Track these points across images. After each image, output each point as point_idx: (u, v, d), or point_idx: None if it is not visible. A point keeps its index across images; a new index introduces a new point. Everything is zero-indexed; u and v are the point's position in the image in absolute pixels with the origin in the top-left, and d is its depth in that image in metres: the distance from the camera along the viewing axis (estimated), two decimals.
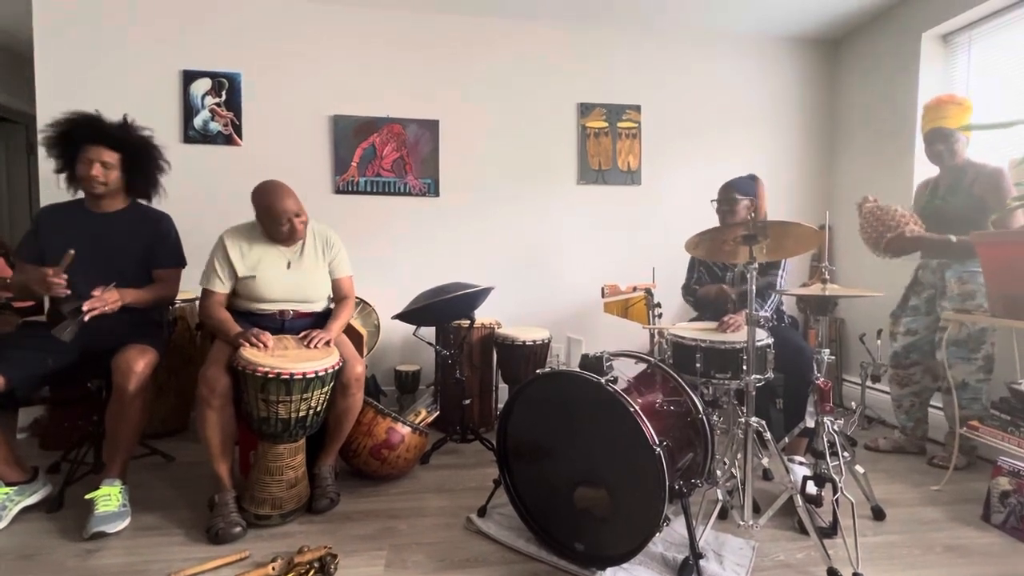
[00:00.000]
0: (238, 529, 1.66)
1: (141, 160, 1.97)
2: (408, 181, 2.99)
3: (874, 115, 3.09)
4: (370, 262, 2.91)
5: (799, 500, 1.55)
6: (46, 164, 2.68)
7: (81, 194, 1.98)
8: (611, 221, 3.19)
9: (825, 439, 1.64)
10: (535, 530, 1.66)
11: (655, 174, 3.22)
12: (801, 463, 1.92)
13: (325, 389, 1.77)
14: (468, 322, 2.43)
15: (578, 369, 1.58)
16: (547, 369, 1.64)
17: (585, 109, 3.12)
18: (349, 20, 2.93)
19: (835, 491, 1.60)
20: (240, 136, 2.88)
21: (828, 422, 1.67)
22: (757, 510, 1.73)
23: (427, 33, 3.00)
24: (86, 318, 1.72)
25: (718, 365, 1.78)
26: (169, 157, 2.10)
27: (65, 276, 1.72)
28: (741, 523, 1.57)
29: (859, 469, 1.80)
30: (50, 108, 2.68)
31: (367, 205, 2.97)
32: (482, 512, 1.80)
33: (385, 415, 2.04)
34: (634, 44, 3.17)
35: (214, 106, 2.84)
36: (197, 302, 2.63)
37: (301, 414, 1.72)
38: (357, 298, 2.50)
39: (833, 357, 1.80)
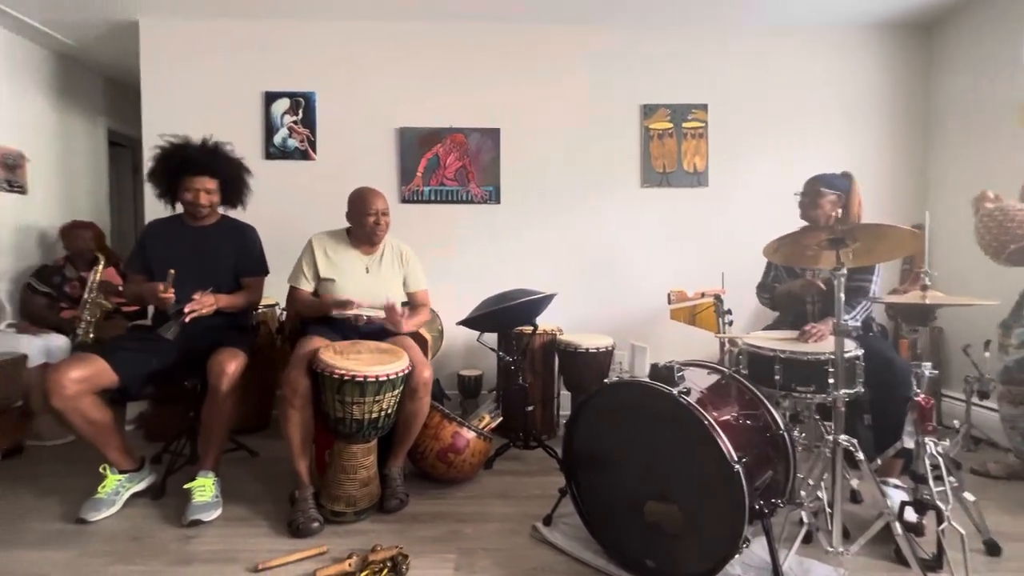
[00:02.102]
0: (316, 524, 1.74)
1: (235, 182, 2.18)
2: (470, 189, 3.05)
3: (976, 105, 2.79)
4: (434, 269, 2.95)
5: (898, 527, 1.41)
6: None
7: (180, 208, 2.17)
8: (676, 225, 3.09)
9: (927, 461, 1.49)
10: (603, 543, 1.62)
11: (723, 175, 3.09)
12: (897, 487, 1.76)
13: (396, 392, 1.83)
14: (531, 328, 2.43)
15: (648, 379, 1.53)
16: (615, 379, 1.60)
17: (648, 110, 3.04)
18: (411, 35, 3.04)
19: (940, 520, 1.45)
20: (315, 151, 3.05)
21: (931, 443, 1.52)
22: (847, 535, 1.60)
23: (486, 42, 3.05)
24: (187, 319, 1.91)
25: (800, 377, 1.67)
26: (252, 172, 2.29)
27: (172, 291, 1.91)
28: (829, 549, 1.46)
29: (968, 497, 1.62)
30: (154, 132, 2.97)
31: (431, 213, 3.06)
32: (547, 521, 1.79)
33: (451, 419, 2.08)
34: (698, 42, 3.06)
35: (292, 124, 3.04)
36: (278, 307, 2.84)
37: (373, 416, 1.79)
38: None
39: (936, 371, 1.63)
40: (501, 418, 2.32)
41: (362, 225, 2.07)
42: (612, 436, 1.60)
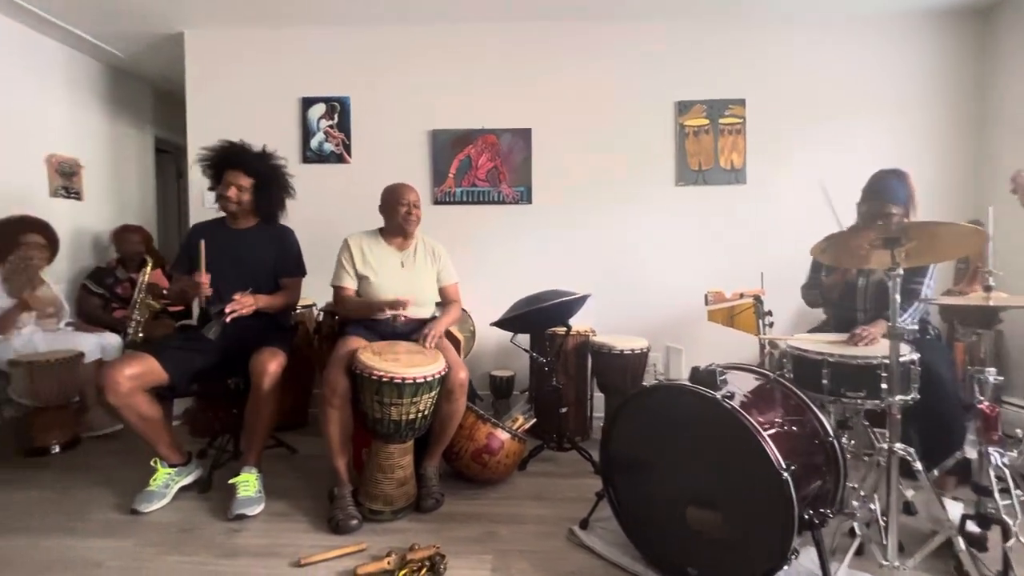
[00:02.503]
0: (355, 522, 1.77)
1: (270, 185, 2.22)
2: (502, 190, 3.05)
3: None
4: (466, 269, 2.95)
5: (960, 542, 1.33)
6: (194, 189, 3.12)
7: (224, 212, 2.25)
8: (713, 223, 3.01)
9: (992, 473, 1.40)
10: (642, 548, 1.59)
11: (762, 172, 2.99)
12: (955, 499, 1.66)
13: (432, 394, 1.85)
14: (564, 329, 2.41)
15: (689, 383, 1.50)
16: (653, 381, 1.57)
17: (683, 107, 2.98)
18: (443, 38, 3.06)
19: (1006, 536, 1.36)
20: (349, 154, 3.11)
21: (995, 453, 1.43)
22: (901, 549, 1.52)
23: (517, 42, 3.04)
24: (228, 319, 1.98)
25: (850, 382, 1.60)
26: (294, 189, 2.35)
27: (208, 275, 1.98)
28: (884, 563, 1.39)
29: None
30: (198, 138, 3.09)
31: (463, 214, 3.07)
32: (584, 524, 1.77)
33: (485, 420, 2.08)
34: (736, 35, 2.97)
35: (327, 128, 3.11)
36: (315, 308, 2.90)
37: (411, 416, 1.81)
38: None
39: (1001, 378, 1.54)
40: (534, 419, 2.31)
41: (394, 216, 2.12)
42: (651, 440, 1.57)
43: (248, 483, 1.93)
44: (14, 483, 2.14)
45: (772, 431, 1.40)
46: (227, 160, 2.14)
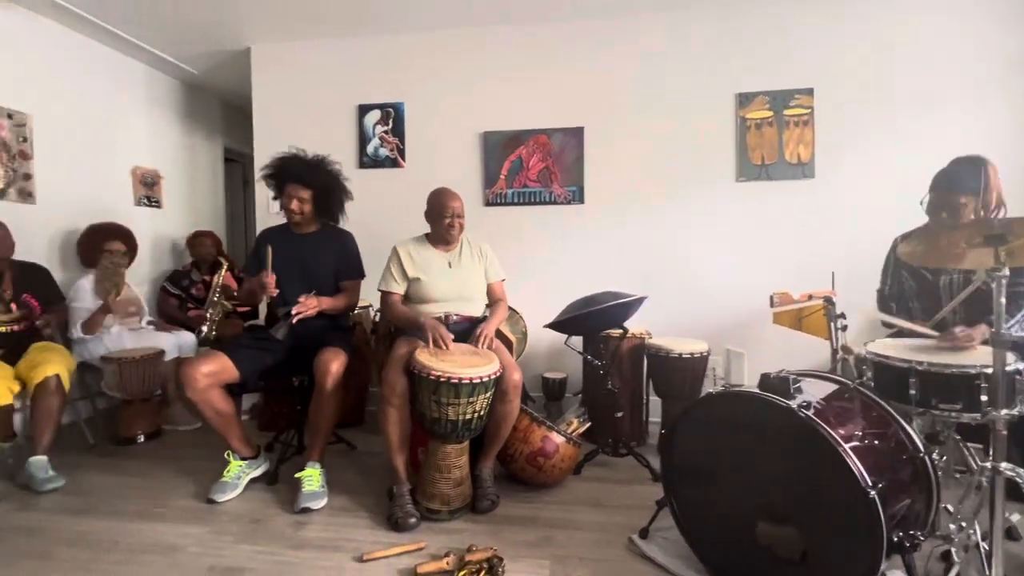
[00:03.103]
0: (413, 520, 1.80)
1: (329, 194, 2.30)
2: (553, 190, 3.02)
3: None
4: (517, 271, 2.96)
5: None
6: (259, 195, 3.29)
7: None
8: (777, 220, 2.85)
9: None
10: (707, 562, 1.53)
11: (832, 165, 2.80)
12: None
13: (487, 394, 1.85)
14: (619, 332, 2.36)
15: (759, 391, 1.42)
16: (719, 388, 1.50)
17: (744, 99, 2.84)
18: (493, 40, 3.06)
19: None
20: (403, 158, 3.18)
21: None
22: None
23: (568, 40, 3.00)
24: (294, 319, 2.06)
25: (943, 393, 1.46)
26: (351, 192, 2.42)
27: (273, 275, 2.08)
28: None
29: None
30: (263, 146, 3.26)
31: (514, 216, 3.07)
32: (644, 534, 1.72)
33: (540, 423, 2.06)
34: (802, 21, 2.80)
35: (382, 133, 3.19)
36: (371, 309, 2.99)
37: (467, 417, 1.82)
38: None
39: None
40: (589, 423, 2.27)
41: (438, 226, 2.17)
42: (717, 449, 1.50)
43: (312, 478, 2.00)
44: (107, 469, 2.33)
45: (854, 444, 1.30)
46: (287, 174, 2.23)
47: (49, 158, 2.88)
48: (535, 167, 3.03)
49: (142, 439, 2.67)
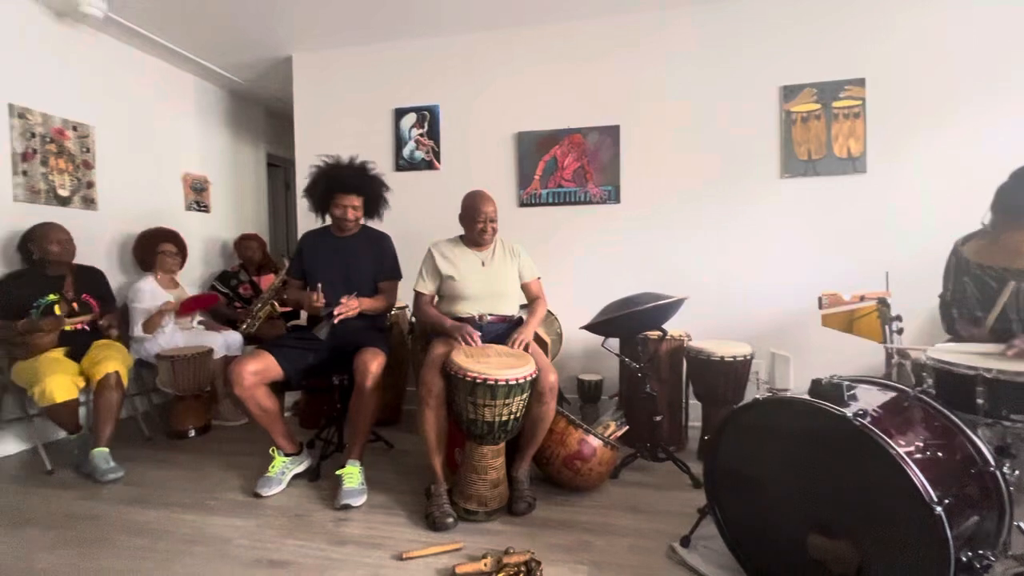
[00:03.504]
0: (450, 520, 1.81)
1: (378, 199, 2.37)
2: (588, 189, 2.99)
3: None
4: (552, 272, 2.95)
5: None
6: (301, 199, 3.37)
7: (328, 220, 2.40)
8: (826, 218, 2.72)
9: None
10: (753, 574, 1.47)
11: (885, 159, 2.66)
12: None
13: (524, 396, 1.85)
14: (658, 334, 2.31)
15: (810, 397, 1.36)
16: (765, 393, 1.44)
17: (789, 92, 2.72)
18: (526, 41, 3.05)
19: None
20: (439, 160, 3.21)
21: None
22: None
23: (600, 38, 2.96)
24: (336, 320, 2.11)
25: (1014, 402, 1.36)
26: (391, 188, 2.45)
27: (323, 300, 2.16)
28: None
29: None
30: (305, 152, 3.36)
31: (549, 216, 3.05)
32: (686, 542, 1.67)
33: (576, 426, 2.04)
34: (852, 8, 2.66)
35: (418, 136, 3.23)
36: (407, 310, 3.03)
37: (503, 418, 1.81)
38: None
39: None
40: (627, 427, 2.23)
41: (471, 229, 2.19)
42: (765, 456, 1.45)
43: (352, 475, 2.04)
44: (162, 462, 2.46)
45: (916, 456, 1.22)
46: (336, 183, 2.27)
47: (109, 167, 3.06)
48: (570, 167, 3.00)
49: (193, 434, 2.80)
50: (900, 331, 2.21)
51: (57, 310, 2.45)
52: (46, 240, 2.47)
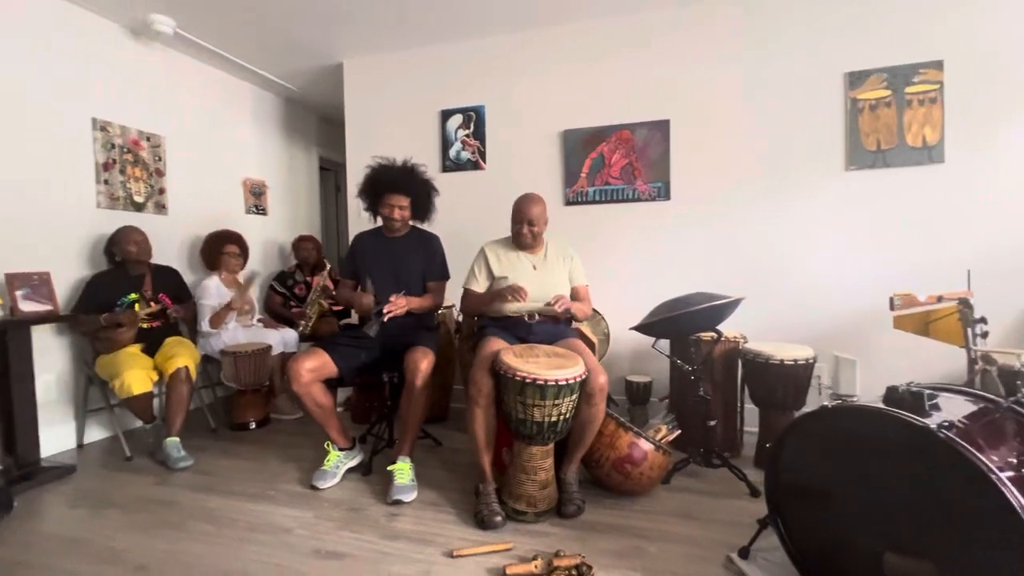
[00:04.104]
0: (499, 519, 1.82)
1: (425, 200, 2.39)
2: (637, 187, 2.92)
3: None
4: (600, 271, 2.89)
5: None
6: (352, 201, 3.48)
7: (379, 221, 2.46)
8: (897, 212, 2.54)
9: None
10: None
11: (966, 147, 2.45)
12: None
13: (573, 397, 1.82)
14: (711, 335, 2.22)
15: (885, 406, 1.26)
16: (837, 401, 1.35)
17: (855, 78, 2.55)
18: (572, 37, 3.01)
19: None
20: (484, 161, 3.23)
21: None
22: None
23: (647, 31, 2.88)
24: (385, 318, 2.15)
25: None
26: (439, 191, 2.47)
27: (374, 299, 2.22)
28: None
29: None
30: (356, 155, 3.46)
31: (596, 214, 3.01)
32: (744, 553, 1.60)
33: (627, 429, 2.00)
34: None
35: (464, 137, 3.26)
36: (454, 310, 3.06)
37: (552, 419, 1.80)
38: None
39: None
40: (679, 431, 2.16)
41: (514, 233, 2.21)
42: (833, 467, 1.36)
43: (403, 471, 2.09)
44: (226, 452, 2.60)
45: (1011, 474, 1.11)
46: (385, 184, 2.32)
47: (178, 174, 3.26)
48: (617, 164, 2.94)
49: (253, 426, 2.95)
50: (984, 334, 2.03)
51: (137, 308, 2.64)
52: (125, 242, 2.67)
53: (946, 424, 1.15)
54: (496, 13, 2.90)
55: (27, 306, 2.32)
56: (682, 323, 2.05)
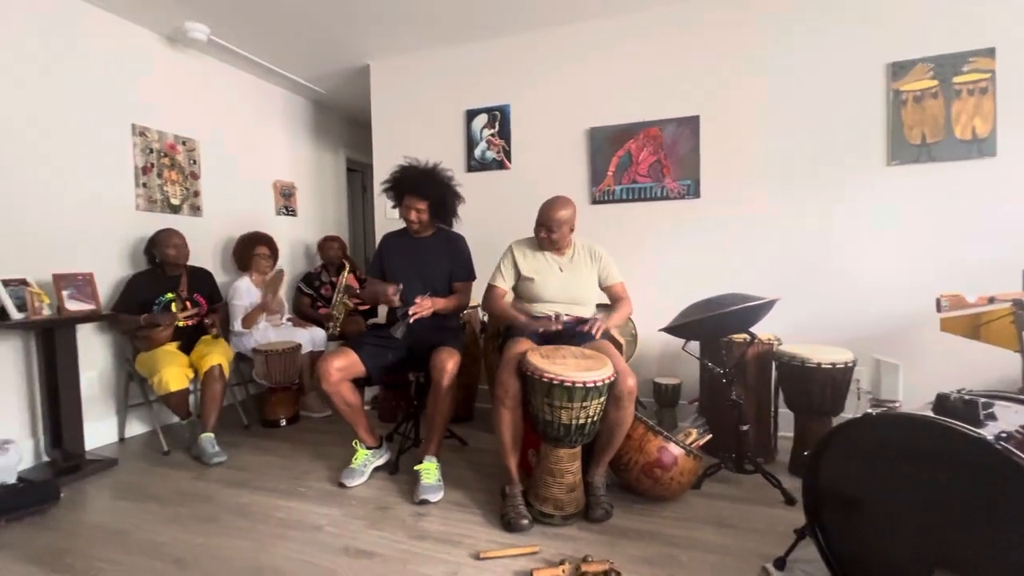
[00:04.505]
0: (525, 521, 1.80)
1: (443, 204, 2.36)
2: (665, 184, 2.86)
3: None
4: (628, 271, 2.80)
5: None
6: (379, 201, 3.52)
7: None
8: (944, 208, 2.42)
9: None
10: None
11: (1019, 138, 2.31)
12: None
13: (601, 399, 1.79)
14: (744, 337, 2.16)
15: (934, 415, 1.20)
16: (882, 409, 1.29)
17: (899, 69, 2.44)
18: (597, 34, 2.96)
19: None
20: (509, 160, 3.21)
21: None
22: None
23: (675, 25, 2.81)
24: (411, 320, 2.16)
25: None
26: (463, 196, 2.45)
27: (400, 299, 2.22)
28: None
29: None
30: (382, 156, 3.50)
31: (623, 213, 2.96)
32: (781, 564, 1.54)
33: (656, 432, 1.95)
34: None
35: (489, 136, 3.25)
36: (479, 309, 3.06)
37: (580, 421, 1.77)
38: None
39: None
40: (710, 435, 2.11)
41: (536, 234, 2.19)
42: (877, 477, 1.30)
43: (430, 471, 2.10)
44: (258, 448, 2.66)
45: None
46: (405, 186, 2.31)
47: (212, 177, 3.35)
48: (645, 161, 2.89)
49: (284, 423, 3.01)
50: None
51: (174, 307, 2.73)
52: (165, 245, 2.76)
53: (1004, 435, 1.08)
54: (521, 10, 2.88)
55: (73, 305, 2.42)
56: (715, 325, 2.00)
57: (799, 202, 2.63)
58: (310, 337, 3.23)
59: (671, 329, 2.07)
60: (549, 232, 2.12)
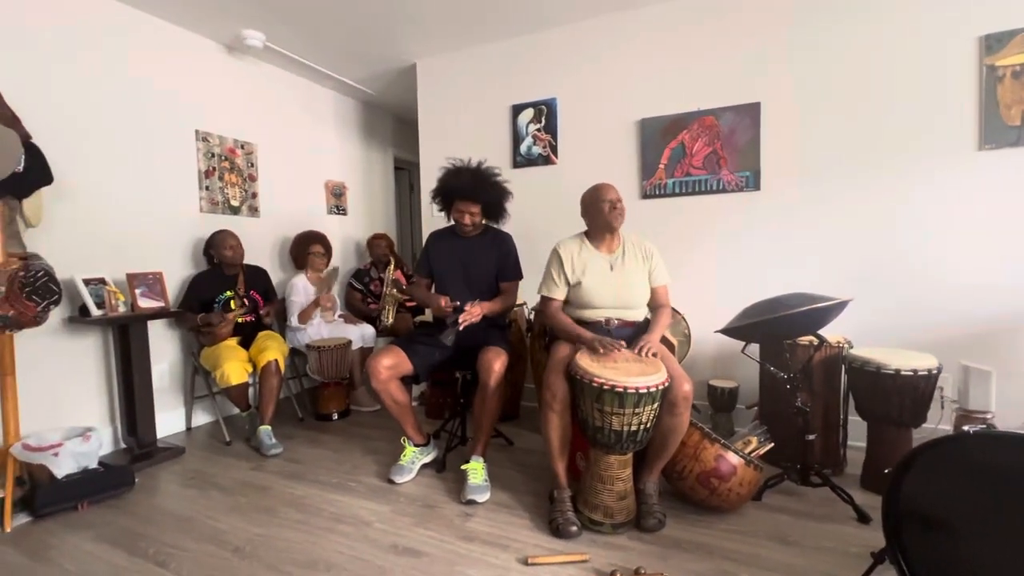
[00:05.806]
0: (574, 528, 1.75)
1: (497, 205, 2.35)
2: (722, 176, 2.70)
3: None
4: (681, 268, 2.71)
5: None
6: (425, 199, 3.54)
7: (453, 220, 2.47)
8: None
9: None
10: None
11: None
12: None
13: (655, 405, 1.71)
14: (810, 340, 2.00)
15: None
16: (983, 427, 1.15)
17: (993, 42, 2.18)
18: (648, 21, 2.83)
19: None
20: (556, 155, 3.14)
21: None
22: None
23: (731, 6, 2.63)
24: (461, 327, 2.14)
25: None
26: (512, 194, 2.41)
27: (451, 306, 2.18)
28: None
29: None
30: (429, 154, 3.52)
31: (676, 208, 2.83)
32: None
33: (713, 440, 1.85)
34: None
35: (535, 132, 3.19)
36: (525, 308, 3.03)
37: (632, 428, 1.70)
38: None
39: None
40: (772, 444, 1.98)
41: (598, 216, 2.03)
42: (973, 500, 1.16)
43: (477, 471, 2.08)
44: (312, 441, 2.75)
45: None
46: (456, 191, 2.29)
47: (268, 179, 3.48)
48: (700, 152, 2.74)
49: (335, 417, 3.10)
50: None
51: (232, 305, 2.86)
52: (222, 245, 2.89)
53: None
54: (566, 0, 2.79)
55: (144, 303, 2.58)
56: (779, 327, 1.86)
57: (873, 193, 2.42)
58: (360, 334, 3.31)
59: (731, 331, 1.95)
60: (614, 204, 2.00)
